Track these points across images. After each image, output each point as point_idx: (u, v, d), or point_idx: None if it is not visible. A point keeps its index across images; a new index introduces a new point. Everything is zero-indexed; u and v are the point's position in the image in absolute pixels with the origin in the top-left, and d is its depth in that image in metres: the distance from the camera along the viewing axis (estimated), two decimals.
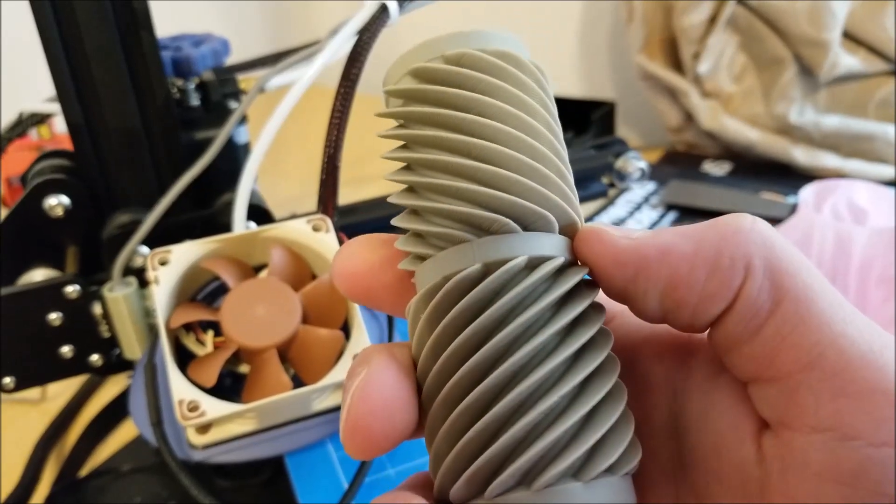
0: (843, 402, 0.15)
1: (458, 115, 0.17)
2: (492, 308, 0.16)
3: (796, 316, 0.15)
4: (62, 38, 0.41)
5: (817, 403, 0.15)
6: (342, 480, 0.39)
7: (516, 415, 0.16)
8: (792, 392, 0.15)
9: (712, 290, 0.16)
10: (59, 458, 0.50)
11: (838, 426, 0.15)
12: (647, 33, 0.88)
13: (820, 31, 0.75)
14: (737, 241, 0.16)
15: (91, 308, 0.43)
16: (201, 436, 0.37)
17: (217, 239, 0.40)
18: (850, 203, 0.56)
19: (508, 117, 0.17)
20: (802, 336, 0.15)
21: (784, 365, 0.16)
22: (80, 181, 0.44)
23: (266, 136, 0.42)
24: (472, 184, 0.17)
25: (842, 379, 0.15)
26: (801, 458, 0.15)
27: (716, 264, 0.16)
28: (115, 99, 0.43)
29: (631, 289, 0.17)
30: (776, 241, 0.16)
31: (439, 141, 0.17)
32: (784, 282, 0.16)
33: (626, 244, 0.17)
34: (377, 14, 0.41)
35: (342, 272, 0.19)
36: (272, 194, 0.54)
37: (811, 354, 0.15)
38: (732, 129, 0.82)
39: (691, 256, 0.16)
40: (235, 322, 0.37)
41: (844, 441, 0.15)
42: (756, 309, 0.16)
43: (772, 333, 0.16)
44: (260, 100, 0.48)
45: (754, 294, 0.16)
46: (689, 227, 0.17)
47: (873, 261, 0.50)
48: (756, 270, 0.16)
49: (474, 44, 0.17)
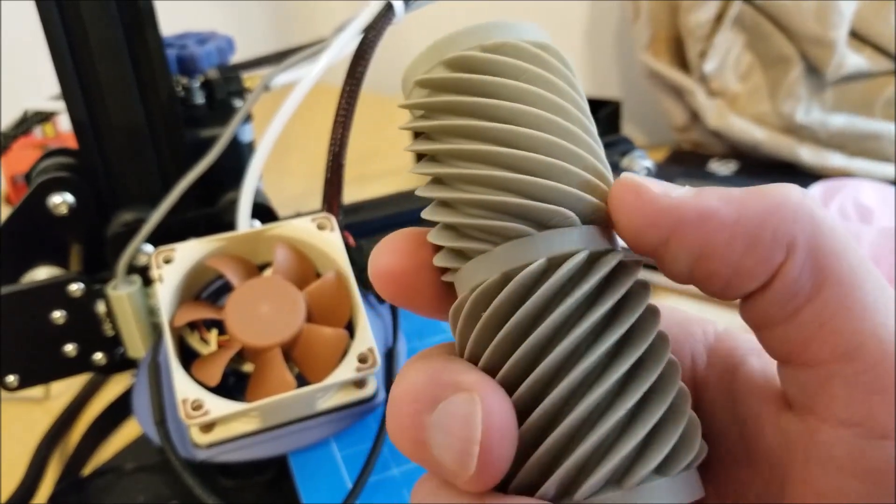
0: (876, 398, 0.14)
1: (506, 104, 0.16)
2: (563, 306, 0.16)
3: (838, 302, 0.15)
4: (67, 36, 0.41)
5: (849, 397, 0.15)
6: (346, 480, 0.39)
7: (605, 413, 0.15)
8: (825, 381, 0.15)
9: (749, 265, 0.15)
10: (63, 457, 0.50)
11: (868, 423, 0.14)
12: (652, 32, 0.88)
13: (826, 29, 0.75)
14: (782, 215, 0.15)
15: (95, 306, 0.43)
16: (205, 435, 0.37)
17: (221, 237, 0.40)
18: (856, 202, 0.55)
19: (556, 108, 0.17)
20: (843, 324, 0.15)
21: (820, 352, 0.15)
22: (84, 179, 0.44)
23: (270, 134, 0.42)
24: (529, 176, 0.16)
25: (878, 373, 0.14)
26: (827, 450, 0.15)
27: (756, 238, 0.15)
28: (119, 97, 0.43)
29: (661, 251, 0.16)
30: (824, 219, 0.15)
31: (485, 131, 0.16)
32: (828, 264, 0.15)
33: (664, 203, 0.16)
34: (383, 12, 0.41)
35: (383, 270, 0.18)
36: (277, 192, 0.54)
37: (850, 344, 0.15)
38: (738, 128, 0.82)
39: (731, 225, 0.15)
40: (239, 320, 0.37)
41: (872, 439, 0.14)
42: (795, 291, 0.15)
43: (810, 318, 0.15)
44: (265, 98, 0.48)
45: (795, 275, 0.15)
46: (734, 192, 0.16)
47: (880, 260, 0.50)
48: (799, 250, 0.15)
49: (509, 34, 0.17)
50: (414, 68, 0.17)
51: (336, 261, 0.40)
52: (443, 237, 0.17)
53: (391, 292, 0.18)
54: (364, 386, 0.39)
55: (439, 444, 0.15)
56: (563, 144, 0.16)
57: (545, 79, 0.17)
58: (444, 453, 0.15)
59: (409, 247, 0.18)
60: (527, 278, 0.16)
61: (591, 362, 0.15)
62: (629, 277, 0.16)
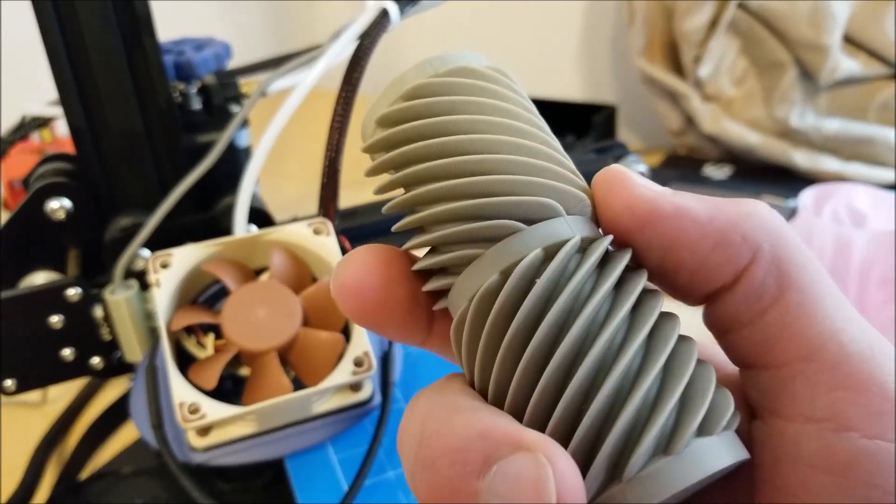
0: (839, 394, 0.15)
1: (467, 117, 0.16)
2: (567, 290, 0.15)
3: (800, 307, 0.15)
4: (65, 42, 0.41)
5: (813, 394, 0.15)
6: (342, 483, 0.39)
7: (633, 386, 0.15)
8: (788, 381, 0.15)
9: (717, 261, 0.16)
10: (60, 461, 0.50)
11: (833, 417, 0.15)
12: (648, 36, 0.88)
13: (820, 34, 0.75)
14: (752, 222, 0.16)
15: (92, 311, 0.43)
16: (202, 438, 0.37)
17: (218, 242, 0.40)
18: (849, 206, 0.56)
19: (513, 115, 0.17)
20: (805, 326, 0.15)
21: (783, 353, 0.16)
22: (81, 184, 0.44)
23: (267, 139, 0.42)
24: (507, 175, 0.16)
25: (840, 372, 0.15)
26: (794, 447, 0.15)
27: (726, 237, 0.16)
28: (117, 102, 0.43)
29: (636, 237, 0.17)
30: (787, 233, 0.16)
31: (452, 145, 0.16)
32: (791, 272, 0.16)
33: (644, 192, 0.16)
34: (378, 18, 0.41)
35: (349, 286, 0.17)
36: (273, 197, 0.54)
37: (812, 346, 0.15)
38: (733, 132, 0.83)
39: (704, 223, 0.16)
40: (236, 325, 0.37)
41: (839, 432, 0.15)
42: (760, 293, 0.16)
43: (774, 320, 0.16)
44: (261, 103, 0.48)
45: (760, 277, 0.16)
46: (708, 197, 0.17)
47: (873, 264, 0.50)
48: (764, 255, 0.16)
49: (455, 62, 0.17)
50: (371, 113, 0.18)
51: (332, 265, 0.40)
52: (430, 259, 0.17)
53: (357, 310, 0.17)
54: (360, 389, 0.39)
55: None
56: (531, 145, 0.17)
57: (496, 91, 0.17)
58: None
59: (377, 261, 0.17)
60: (526, 269, 0.16)
61: (607, 339, 0.15)
62: (623, 258, 0.16)
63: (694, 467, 0.15)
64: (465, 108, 0.17)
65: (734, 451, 0.15)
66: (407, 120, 0.17)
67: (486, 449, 0.14)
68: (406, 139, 0.17)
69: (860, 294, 0.51)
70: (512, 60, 1.06)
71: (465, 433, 0.14)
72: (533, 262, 0.16)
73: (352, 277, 0.17)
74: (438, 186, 0.16)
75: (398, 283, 0.17)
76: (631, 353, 0.15)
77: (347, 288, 0.17)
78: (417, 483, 0.15)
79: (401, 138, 0.17)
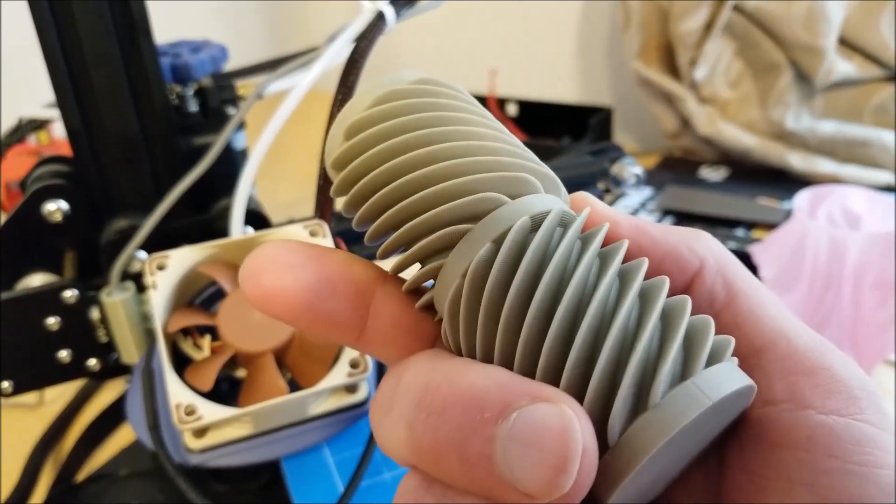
0: (793, 378, 0.16)
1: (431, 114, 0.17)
2: (558, 253, 0.16)
3: (749, 310, 0.17)
4: (62, 44, 0.41)
5: (770, 381, 0.16)
6: (338, 484, 0.40)
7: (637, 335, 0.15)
8: (746, 372, 0.16)
9: (668, 268, 0.18)
10: (56, 463, 0.50)
11: (790, 398, 0.16)
12: (643, 39, 0.88)
13: (815, 37, 0.76)
14: (697, 240, 0.18)
15: (89, 313, 0.43)
16: (198, 440, 0.37)
17: (215, 244, 0.40)
18: (844, 208, 0.56)
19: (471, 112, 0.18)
20: (756, 325, 0.17)
21: (739, 350, 0.17)
22: (78, 187, 0.44)
23: (263, 142, 0.42)
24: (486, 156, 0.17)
25: (791, 360, 0.16)
26: (757, 429, 0.16)
27: (676, 250, 0.18)
28: (113, 105, 0.43)
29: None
30: (728, 253, 0.18)
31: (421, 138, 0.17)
32: (736, 282, 0.18)
33: (604, 209, 0.18)
34: (374, 21, 0.42)
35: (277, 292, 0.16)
36: (271, 199, 0.54)
37: (764, 340, 0.17)
38: (729, 134, 0.83)
39: (658, 238, 0.18)
40: (232, 326, 0.37)
41: (797, 411, 0.16)
42: (711, 298, 0.18)
43: (727, 322, 0.17)
44: (258, 105, 0.48)
45: (709, 284, 0.18)
46: (660, 224, 0.19)
47: (867, 266, 0.51)
48: (710, 266, 0.18)
49: (409, 78, 0.18)
50: (328, 156, 0.18)
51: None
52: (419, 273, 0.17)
53: (293, 315, 0.16)
54: (356, 391, 0.39)
55: (519, 459, 0.13)
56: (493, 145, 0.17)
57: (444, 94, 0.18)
58: (528, 471, 0.13)
59: (302, 260, 0.16)
60: (519, 233, 0.16)
61: (603, 293, 0.15)
62: (602, 230, 0.17)
63: (716, 386, 0.15)
64: (412, 125, 0.17)
65: (743, 376, 0.16)
66: (361, 153, 0.17)
67: (504, 397, 0.14)
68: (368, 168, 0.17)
69: (855, 296, 0.51)
70: (508, 63, 1.06)
71: (482, 382, 0.14)
72: (524, 226, 0.16)
73: (277, 283, 0.16)
74: (414, 198, 0.16)
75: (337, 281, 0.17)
76: (629, 303, 0.15)
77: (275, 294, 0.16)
78: (420, 433, 0.15)
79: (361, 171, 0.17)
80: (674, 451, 0.15)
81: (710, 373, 0.15)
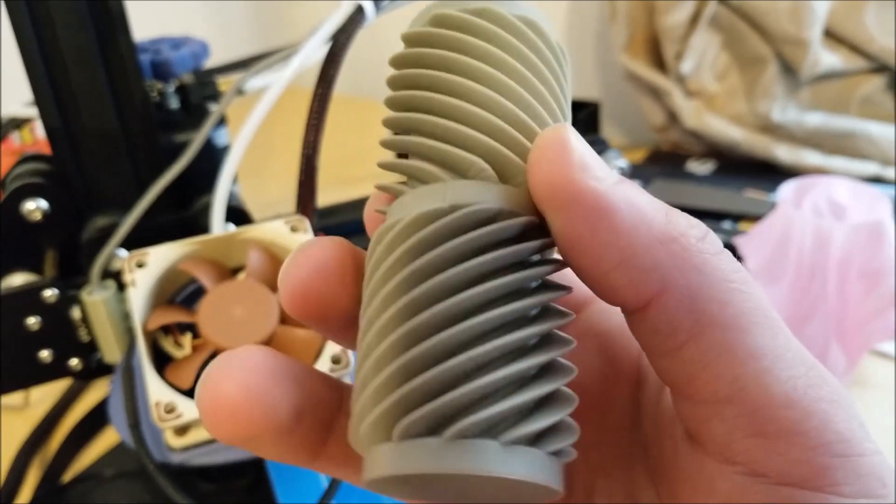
0: (755, 441, 0.14)
1: (463, 59, 0.16)
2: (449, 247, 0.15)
3: (720, 346, 0.14)
4: (39, 41, 0.41)
5: (730, 437, 0.14)
6: (323, 481, 0.39)
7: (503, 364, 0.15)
8: (708, 419, 0.15)
9: (617, 281, 0.14)
10: (42, 464, 0.50)
11: (748, 462, 0.14)
12: (630, 33, 0.88)
13: (800, 29, 0.76)
14: (670, 250, 0.14)
15: (70, 312, 0.43)
16: (179, 438, 0.37)
17: (195, 241, 0.40)
18: (829, 199, 0.56)
19: (515, 74, 0.16)
20: (724, 369, 0.14)
21: (702, 391, 0.15)
22: (58, 185, 0.44)
23: (243, 137, 0.42)
24: (453, 122, 0.16)
25: (759, 417, 0.14)
26: (710, 483, 0.15)
27: (633, 259, 0.14)
28: (92, 102, 0.43)
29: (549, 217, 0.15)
30: (711, 266, 0.14)
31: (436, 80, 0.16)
32: (710, 309, 0.14)
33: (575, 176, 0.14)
34: (353, 15, 0.41)
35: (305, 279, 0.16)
36: (259, 196, 0.54)
37: (732, 388, 0.14)
38: (716, 127, 0.83)
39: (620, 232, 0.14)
40: (212, 323, 0.37)
41: (752, 476, 0.14)
42: (672, 328, 0.14)
43: (692, 358, 0.14)
44: (242, 102, 0.48)
45: (670, 311, 0.14)
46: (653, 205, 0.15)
47: (852, 257, 0.51)
48: (677, 288, 0.14)
49: (497, 5, 0.17)
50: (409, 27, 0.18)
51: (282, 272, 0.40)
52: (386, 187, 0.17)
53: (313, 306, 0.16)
54: None
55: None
56: (508, 106, 0.16)
57: (514, 46, 0.17)
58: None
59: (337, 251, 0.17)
60: (467, 217, 0.15)
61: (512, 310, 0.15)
62: (531, 247, 0.15)
63: (508, 464, 0.14)
64: (481, 53, 0.16)
65: (554, 477, 0.15)
66: (427, 45, 0.17)
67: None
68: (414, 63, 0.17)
69: (840, 286, 0.51)
70: None
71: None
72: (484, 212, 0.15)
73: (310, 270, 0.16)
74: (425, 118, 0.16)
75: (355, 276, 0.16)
76: (513, 339, 0.15)
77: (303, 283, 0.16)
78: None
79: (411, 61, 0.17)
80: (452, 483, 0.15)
81: (519, 452, 0.14)
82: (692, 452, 0.16)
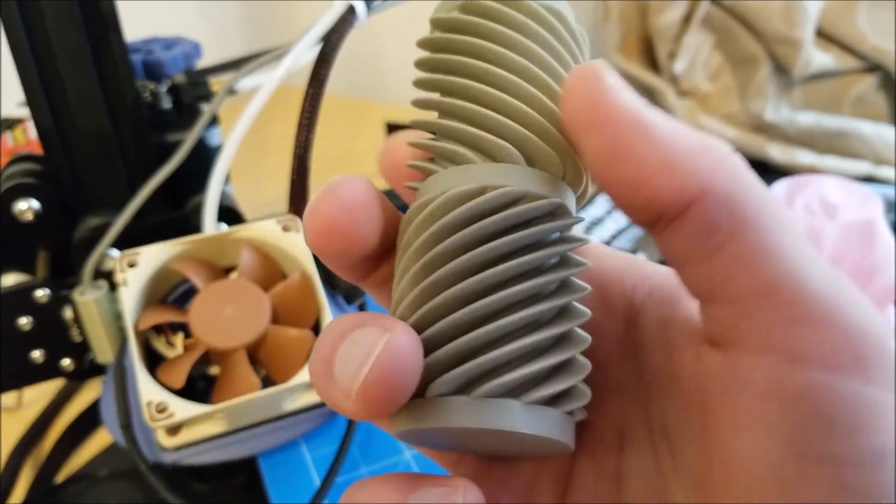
0: (797, 327, 0.15)
1: (492, 47, 0.17)
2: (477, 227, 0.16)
3: (758, 246, 0.15)
4: (31, 42, 0.41)
5: (770, 327, 0.15)
6: (316, 480, 0.39)
7: (530, 333, 0.16)
8: (745, 315, 0.15)
9: (658, 185, 0.15)
10: (36, 464, 0.50)
11: (788, 349, 0.15)
12: (623, 33, 0.88)
13: (792, 28, 0.76)
14: (707, 158, 0.15)
15: (62, 312, 0.43)
16: (171, 438, 0.37)
17: (186, 240, 0.40)
18: (821, 198, 0.56)
19: (541, 62, 0.18)
20: (761, 266, 0.15)
21: (739, 289, 0.15)
22: (50, 185, 0.44)
23: (235, 137, 0.42)
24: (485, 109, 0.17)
25: (798, 308, 0.15)
26: (746, 376, 0.15)
27: (674, 165, 0.15)
28: (84, 102, 0.43)
29: (584, 139, 0.16)
30: (745, 174, 0.16)
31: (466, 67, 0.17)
32: (747, 213, 0.15)
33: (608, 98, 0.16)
34: (345, 15, 0.41)
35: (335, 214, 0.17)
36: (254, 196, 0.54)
37: (770, 283, 0.15)
38: (709, 127, 0.83)
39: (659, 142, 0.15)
40: (204, 323, 0.37)
41: (793, 363, 0.15)
42: (711, 231, 0.15)
43: (729, 259, 0.15)
44: (235, 102, 0.48)
45: (709, 214, 0.15)
46: (677, 123, 0.16)
47: (845, 255, 0.51)
48: (715, 193, 0.15)
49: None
50: (437, 8, 0.19)
51: (301, 262, 0.40)
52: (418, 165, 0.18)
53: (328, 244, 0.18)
54: None
55: (339, 369, 0.16)
56: (536, 94, 0.17)
57: (541, 36, 0.18)
58: (341, 379, 0.16)
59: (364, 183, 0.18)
60: (499, 198, 0.16)
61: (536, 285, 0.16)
62: (554, 226, 0.17)
63: (529, 422, 0.16)
64: (508, 42, 0.18)
65: (567, 434, 0.17)
66: (459, 32, 0.18)
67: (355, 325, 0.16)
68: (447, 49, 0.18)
69: None
70: None
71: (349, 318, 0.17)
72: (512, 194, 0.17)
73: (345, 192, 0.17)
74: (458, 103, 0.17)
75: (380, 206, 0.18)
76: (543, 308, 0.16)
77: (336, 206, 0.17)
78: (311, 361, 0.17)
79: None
80: (475, 438, 0.17)
81: (537, 411, 0.16)
82: (722, 355, 0.16)
